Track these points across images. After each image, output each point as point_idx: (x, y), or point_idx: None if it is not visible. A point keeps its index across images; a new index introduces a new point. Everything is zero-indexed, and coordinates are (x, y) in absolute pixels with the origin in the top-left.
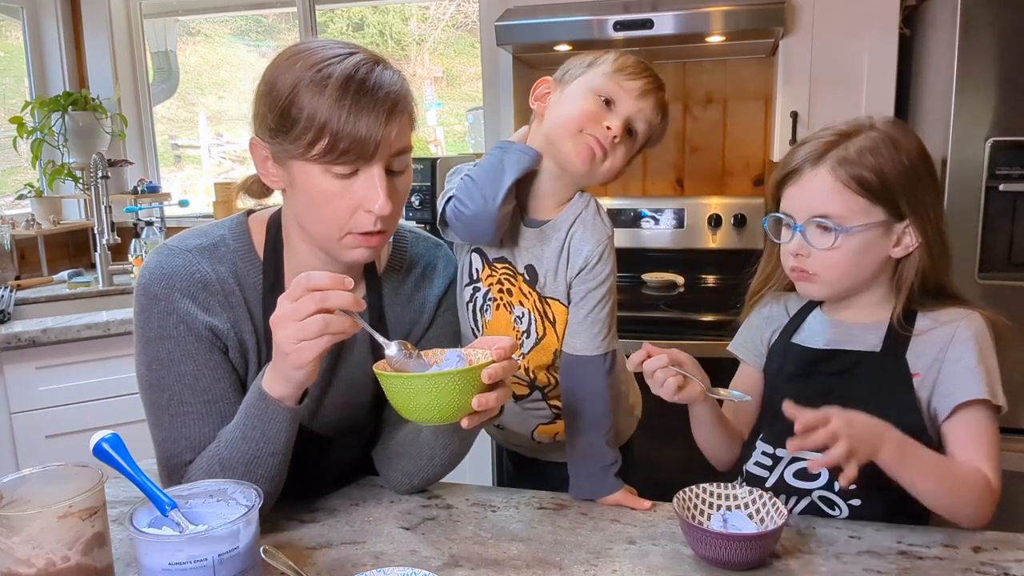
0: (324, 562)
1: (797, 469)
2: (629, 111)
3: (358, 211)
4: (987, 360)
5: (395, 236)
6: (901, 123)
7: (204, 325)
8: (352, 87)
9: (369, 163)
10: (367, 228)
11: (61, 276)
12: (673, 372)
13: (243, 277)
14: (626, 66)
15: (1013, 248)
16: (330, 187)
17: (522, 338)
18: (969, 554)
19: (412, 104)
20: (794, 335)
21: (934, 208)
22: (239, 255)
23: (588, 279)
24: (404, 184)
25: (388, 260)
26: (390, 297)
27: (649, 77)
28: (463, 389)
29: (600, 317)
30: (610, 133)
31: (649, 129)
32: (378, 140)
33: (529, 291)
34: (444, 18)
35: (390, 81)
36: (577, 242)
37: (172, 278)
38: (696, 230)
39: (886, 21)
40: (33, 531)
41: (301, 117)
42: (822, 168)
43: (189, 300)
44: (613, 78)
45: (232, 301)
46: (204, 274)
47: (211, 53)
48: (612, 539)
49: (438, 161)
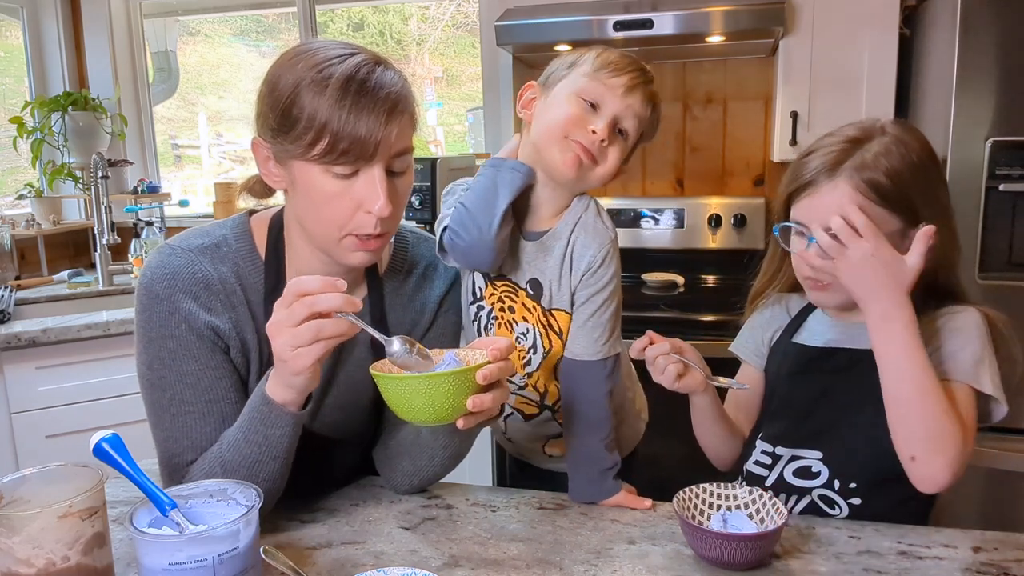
0: (324, 562)
1: (797, 468)
2: (616, 110)
3: (358, 212)
4: (974, 347)
5: (396, 236)
6: (907, 124)
7: (206, 325)
8: (353, 87)
9: (369, 163)
10: (367, 230)
11: (61, 276)
12: (675, 359)
13: (245, 277)
14: (608, 62)
15: (1013, 248)
16: (331, 187)
17: (528, 355)
18: (969, 554)
19: (413, 105)
20: (795, 334)
21: (945, 207)
22: (241, 255)
23: (591, 283)
24: (405, 185)
25: (389, 261)
26: (391, 298)
27: (634, 71)
28: (458, 390)
29: (601, 321)
30: (596, 137)
31: (640, 125)
32: (378, 140)
33: (533, 305)
34: (444, 18)
35: (391, 82)
36: (580, 248)
37: (174, 278)
38: (696, 230)
39: (886, 21)
40: (33, 531)
41: (302, 117)
42: (840, 179)
43: (191, 300)
44: (596, 77)
45: (234, 301)
46: (206, 274)
47: (211, 53)
48: (612, 539)
49: (438, 161)
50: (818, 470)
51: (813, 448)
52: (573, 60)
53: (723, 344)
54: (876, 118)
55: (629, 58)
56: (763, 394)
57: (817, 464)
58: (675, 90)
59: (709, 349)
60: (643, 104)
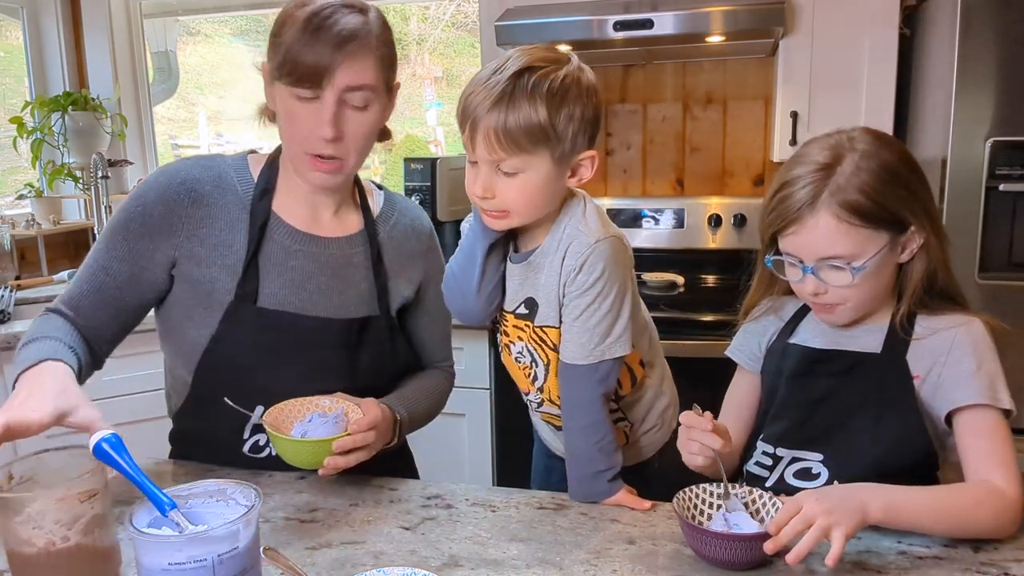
0: (324, 562)
1: (798, 469)
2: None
3: (311, 134)
4: (988, 365)
5: (387, 193)
6: (877, 132)
7: (159, 214)
8: (314, 23)
9: (322, 90)
10: (319, 150)
11: (61, 276)
12: (709, 458)
13: (230, 184)
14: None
15: (1013, 248)
16: (292, 108)
17: (532, 370)
18: (969, 554)
19: (372, 44)
20: (792, 336)
21: (929, 209)
22: (234, 169)
23: (572, 288)
24: (362, 120)
25: (381, 209)
26: (385, 241)
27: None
28: (316, 452)
29: (588, 326)
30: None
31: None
32: (324, 69)
33: (525, 324)
34: (444, 18)
35: (348, 21)
36: (569, 258)
37: (163, 172)
38: (696, 230)
39: (886, 21)
40: (32, 512)
41: (280, 44)
42: (820, 211)
43: (156, 193)
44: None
45: (202, 199)
46: (190, 173)
47: (211, 53)
48: (612, 539)
49: (438, 161)
50: (819, 472)
51: (814, 450)
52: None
53: (723, 344)
54: (844, 130)
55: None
56: (760, 396)
57: (818, 466)
58: (675, 90)
59: (709, 349)
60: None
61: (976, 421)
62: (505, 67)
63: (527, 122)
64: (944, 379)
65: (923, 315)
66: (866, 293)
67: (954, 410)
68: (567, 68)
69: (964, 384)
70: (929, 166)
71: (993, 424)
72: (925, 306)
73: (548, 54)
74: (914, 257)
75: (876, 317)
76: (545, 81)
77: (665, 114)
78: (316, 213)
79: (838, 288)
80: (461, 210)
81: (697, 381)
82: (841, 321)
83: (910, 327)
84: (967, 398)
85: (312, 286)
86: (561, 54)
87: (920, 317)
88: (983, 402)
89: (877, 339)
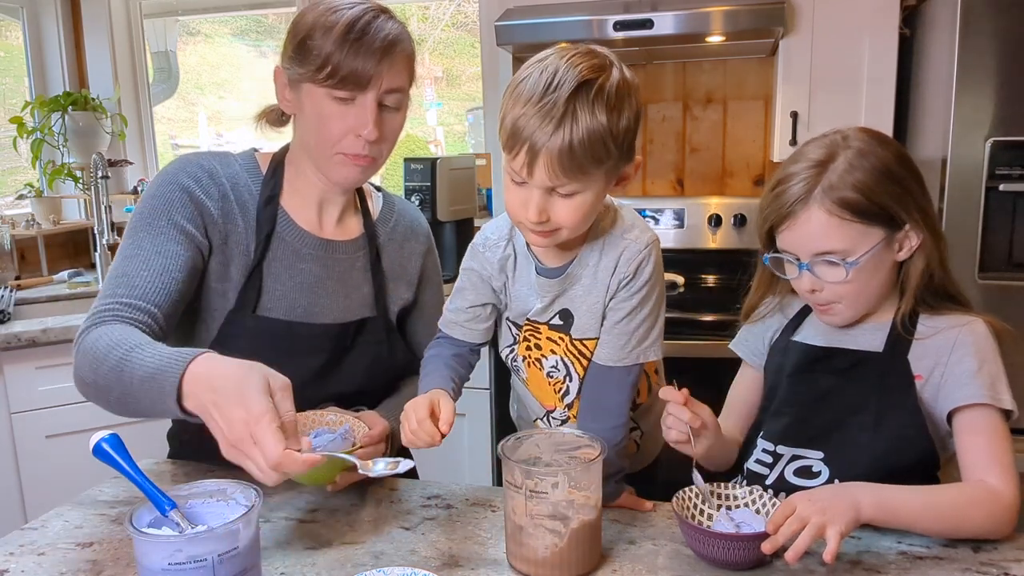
0: (324, 562)
1: (798, 467)
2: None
3: (349, 134)
4: (990, 365)
5: (384, 195)
6: (873, 131)
7: (196, 200)
8: (356, 29)
9: (364, 92)
10: (356, 150)
11: (61, 276)
12: (684, 432)
13: (243, 182)
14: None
15: (1013, 248)
16: (329, 109)
17: (565, 384)
18: (969, 554)
19: (409, 50)
20: (795, 333)
21: (924, 207)
22: (245, 167)
23: (621, 294)
24: (394, 121)
25: (380, 210)
26: (384, 242)
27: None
28: (331, 471)
29: (628, 329)
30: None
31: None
32: (371, 74)
33: (560, 337)
34: (444, 18)
35: (388, 28)
36: (622, 265)
37: (184, 161)
38: (696, 230)
39: (886, 21)
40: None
41: (314, 48)
42: (813, 206)
43: (192, 180)
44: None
45: (229, 194)
46: (212, 167)
47: (211, 53)
48: (612, 539)
49: (438, 161)
50: (819, 470)
51: (814, 448)
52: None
53: (723, 344)
54: (840, 130)
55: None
56: (763, 392)
57: (818, 464)
58: (675, 90)
59: (709, 349)
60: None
61: (976, 420)
62: (558, 83)
63: (593, 147)
64: (946, 379)
65: (926, 315)
66: (862, 291)
67: (955, 409)
68: (615, 73)
69: (965, 383)
70: (929, 166)
71: (993, 424)
72: (928, 306)
73: (594, 60)
74: (913, 255)
75: (878, 316)
76: (603, 95)
77: (665, 114)
78: (322, 216)
79: (833, 285)
80: (461, 210)
81: (697, 381)
82: (840, 322)
83: (912, 327)
84: (968, 397)
85: (320, 290)
86: (600, 53)
87: (923, 317)
88: (984, 401)
89: (879, 338)
